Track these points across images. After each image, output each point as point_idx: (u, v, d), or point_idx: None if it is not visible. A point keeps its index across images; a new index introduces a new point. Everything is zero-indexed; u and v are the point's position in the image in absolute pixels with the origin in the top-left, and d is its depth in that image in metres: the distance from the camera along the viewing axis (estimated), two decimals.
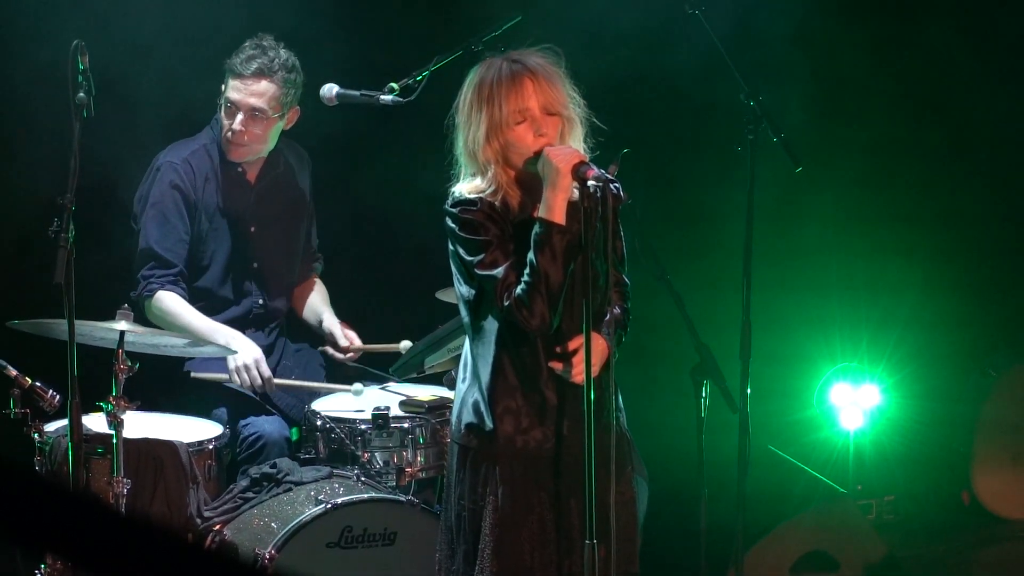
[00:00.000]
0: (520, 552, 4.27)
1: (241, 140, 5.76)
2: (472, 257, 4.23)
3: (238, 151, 5.81)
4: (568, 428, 4.28)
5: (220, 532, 5.20)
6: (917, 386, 7.47)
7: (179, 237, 5.77)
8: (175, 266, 5.74)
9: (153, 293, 5.70)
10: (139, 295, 5.71)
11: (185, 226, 5.78)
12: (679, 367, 5.16)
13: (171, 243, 5.75)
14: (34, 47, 6.01)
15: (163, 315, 5.68)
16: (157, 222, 5.76)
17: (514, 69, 4.24)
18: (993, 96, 7.41)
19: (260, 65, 5.70)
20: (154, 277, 5.72)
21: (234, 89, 5.73)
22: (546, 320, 4.18)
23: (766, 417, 6.23)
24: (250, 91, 5.71)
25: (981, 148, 7.57)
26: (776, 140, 5.40)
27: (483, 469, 4.30)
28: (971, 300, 7.60)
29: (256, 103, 5.72)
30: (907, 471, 7.47)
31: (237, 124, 5.73)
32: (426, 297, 5.85)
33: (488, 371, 4.29)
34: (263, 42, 5.75)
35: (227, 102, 5.75)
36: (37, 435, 5.17)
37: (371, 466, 5.41)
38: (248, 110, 5.73)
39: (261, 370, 5.63)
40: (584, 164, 4.16)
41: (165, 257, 5.73)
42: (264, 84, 5.72)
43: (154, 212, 5.77)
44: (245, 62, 5.71)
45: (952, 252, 7.57)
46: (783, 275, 6.94)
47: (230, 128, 5.74)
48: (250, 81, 5.71)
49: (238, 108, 5.73)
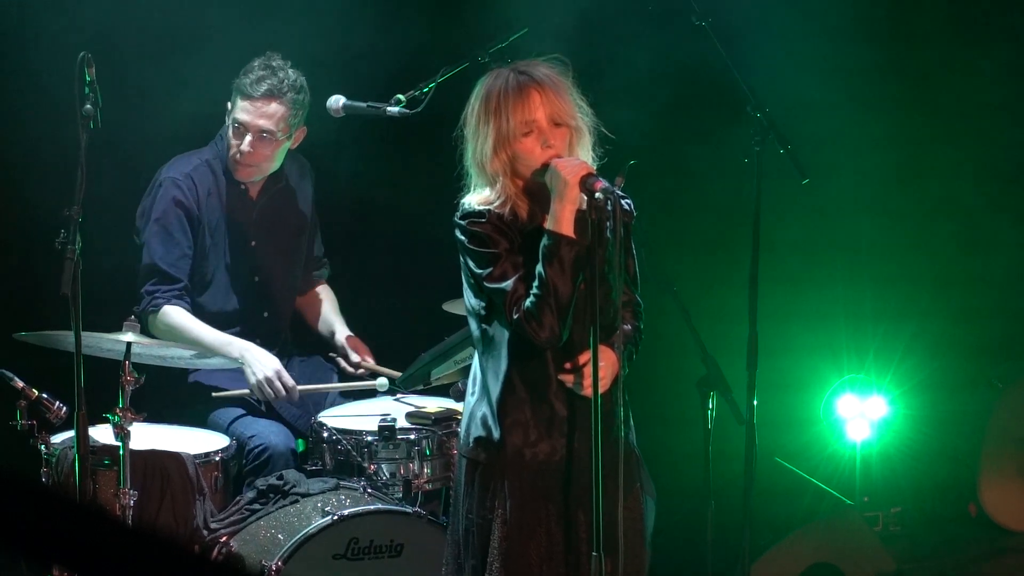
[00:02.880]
0: (528, 565, 4.26)
1: (249, 161, 5.75)
2: (481, 270, 4.23)
3: (246, 171, 5.81)
4: (577, 441, 4.27)
5: (226, 544, 5.20)
6: (924, 398, 7.46)
7: (183, 252, 5.76)
8: (180, 281, 5.74)
9: (159, 308, 5.70)
10: (143, 310, 5.70)
11: (188, 241, 5.77)
12: (686, 379, 5.15)
13: (175, 258, 5.74)
14: (41, 58, 6.02)
15: (170, 329, 5.67)
16: (160, 238, 5.75)
17: (521, 80, 4.23)
18: (1004, 89, 7.41)
19: (270, 86, 5.68)
20: (159, 292, 5.71)
21: (243, 110, 5.71)
22: (555, 332, 4.17)
23: (772, 429, 6.22)
24: (260, 113, 5.70)
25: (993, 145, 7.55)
26: (783, 152, 5.39)
27: (491, 482, 4.29)
28: (979, 313, 7.58)
29: (265, 125, 5.71)
30: (913, 483, 7.46)
31: (246, 145, 5.72)
32: (433, 309, 5.85)
33: (497, 384, 4.28)
34: (272, 62, 5.73)
35: (235, 123, 5.73)
36: (43, 447, 5.17)
37: (377, 478, 5.41)
38: (257, 132, 5.71)
39: (284, 380, 5.62)
40: (592, 176, 4.16)
41: (169, 272, 5.73)
42: (274, 106, 5.70)
43: (157, 228, 5.76)
44: (255, 83, 5.69)
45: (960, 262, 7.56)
46: (790, 285, 6.93)
47: (238, 149, 5.73)
48: (260, 103, 5.69)
49: (247, 129, 5.71)
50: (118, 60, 5.86)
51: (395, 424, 5.42)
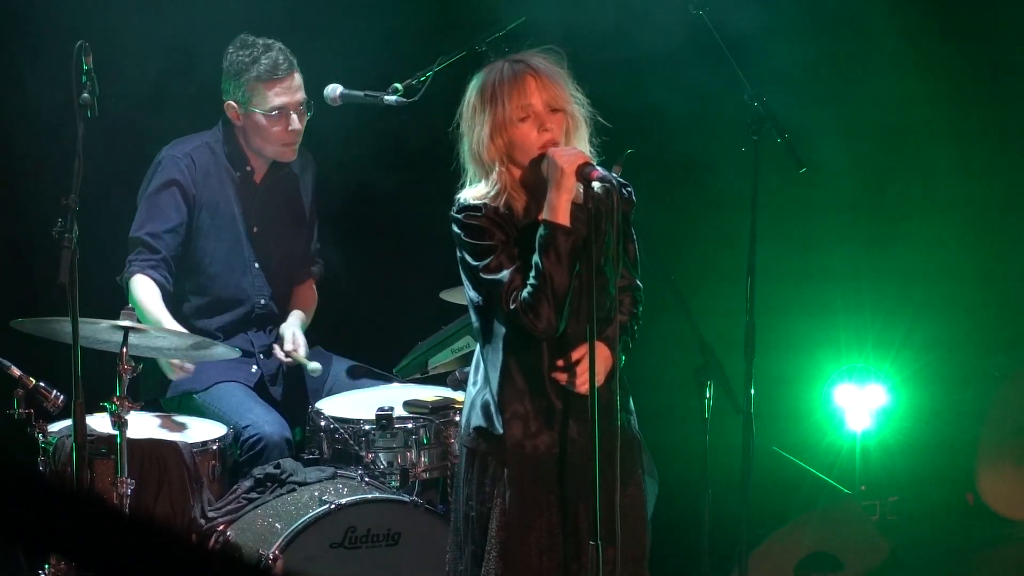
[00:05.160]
0: (527, 555, 4.27)
1: (296, 138, 5.78)
2: (477, 262, 4.24)
3: (292, 150, 5.82)
4: (575, 432, 4.27)
5: (224, 533, 5.20)
6: (922, 387, 7.46)
7: (170, 227, 5.74)
8: (159, 252, 5.72)
9: (132, 276, 5.69)
10: (122, 278, 5.71)
11: (180, 217, 5.76)
12: (684, 369, 5.16)
13: (159, 230, 5.72)
14: (38, 46, 6.02)
15: (134, 301, 5.64)
16: (150, 212, 5.75)
17: (516, 68, 4.26)
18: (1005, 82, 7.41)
19: (284, 62, 5.72)
20: (136, 260, 5.70)
21: (276, 95, 5.71)
22: (552, 323, 4.18)
23: (770, 417, 6.23)
24: (291, 88, 5.73)
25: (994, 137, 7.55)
26: (780, 141, 5.39)
27: (491, 471, 4.31)
28: (979, 300, 7.58)
29: (301, 97, 5.75)
30: (911, 472, 7.46)
31: (295, 124, 5.74)
32: (431, 297, 5.85)
33: (497, 375, 4.30)
34: (259, 42, 5.74)
35: (273, 111, 5.72)
36: (41, 435, 5.17)
37: (375, 467, 5.41)
38: (297, 107, 5.74)
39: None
40: (588, 165, 4.16)
41: (151, 243, 5.71)
42: (297, 77, 5.76)
43: (148, 203, 5.77)
44: (272, 67, 5.69)
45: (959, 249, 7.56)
46: (788, 274, 6.93)
47: (287, 131, 5.74)
48: (286, 81, 5.72)
49: (289, 109, 5.73)
50: (116, 48, 5.85)
51: (393, 413, 5.42)
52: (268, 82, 5.70)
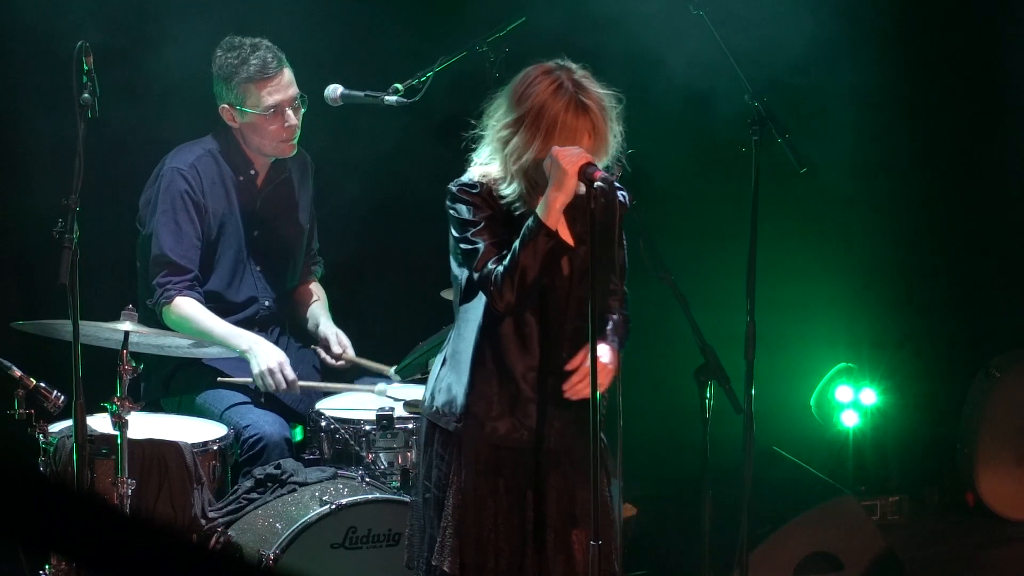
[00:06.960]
0: (480, 534, 4.36)
1: (294, 133, 5.79)
2: (460, 233, 4.32)
3: (291, 146, 5.83)
4: (538, 422, 4.37)
5: (224, 533, 5.20)
6: (921, 386, 7.47)
7: (191, 242, 5.77)
8: (190, 271, 5.74)
9: (171, 300, 5.70)
10: (155, 303, 5.71)
11: (196, 231, 5.78)
12: (684, 369, 5.16)
13: (184, 248, 5.75)
14: (39, 46, 6.01)
15: (182, 321, 5.67)
16: (169, 229, 5.75)
17: (579, 112, 4.24)
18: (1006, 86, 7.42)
19: (274, 59, 5.72)
20: (170, 284, 5.71)
21: (268, 93, 5.72)
22: (511, 305, 4.25)
23: (769, 418, 6.23)
24: (283, 85, 5.74)
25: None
26: (780, 141, 5.39)
27: (450, 449, 4.40)
28: (975, 300, 7.59)
29: (294, 92, 5.76)
30: (911, 472, 7.47)
31: (291, 120, 5.76)
32: (432, 297, 5.85)
33: (469, 353, 4.38)
34: (247, 42, 5.75)
35: (268, 109, 5.72)
36: (41, 436, 5.17)
37: (375, 467, 5.41)
38: (291, 102, 5.75)
39: (286, 373, 5.62)
40: (591, 165, 4.19)
41: (179, 263, 5.73)
42: (287, 73, 5.76)
43: (165, 219, 5.76)
44: (261, 67, 5.70)
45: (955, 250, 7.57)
46: (787, 275, 6.94)
47: (284, 128, 5.75)
48: (277, 78, 5.73)
49: (283, 106, 5.74)
50: (116, 48, 5.85)
51: (393, 413, 5.42)
52: (259, 82, 5.72)
